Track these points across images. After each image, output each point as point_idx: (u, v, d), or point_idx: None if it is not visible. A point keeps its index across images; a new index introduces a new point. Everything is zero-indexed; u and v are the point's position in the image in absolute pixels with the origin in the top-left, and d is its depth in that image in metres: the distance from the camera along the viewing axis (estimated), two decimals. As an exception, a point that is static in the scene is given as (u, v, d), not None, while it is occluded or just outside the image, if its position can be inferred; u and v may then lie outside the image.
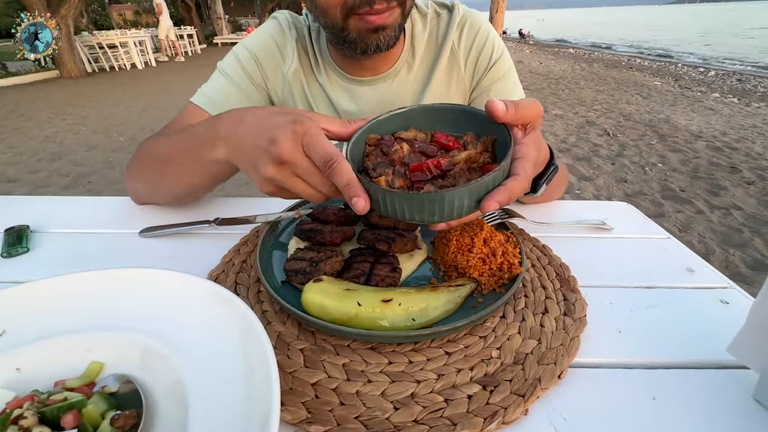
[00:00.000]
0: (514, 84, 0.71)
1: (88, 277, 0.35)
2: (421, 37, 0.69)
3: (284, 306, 0.36)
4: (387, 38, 0.56)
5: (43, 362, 0.30)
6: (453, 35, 0.68)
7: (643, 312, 0.42)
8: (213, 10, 18.79)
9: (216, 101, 0.64)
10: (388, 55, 0.66)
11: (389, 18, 0.54)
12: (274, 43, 0.67)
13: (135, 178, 0.60)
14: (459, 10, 0.69)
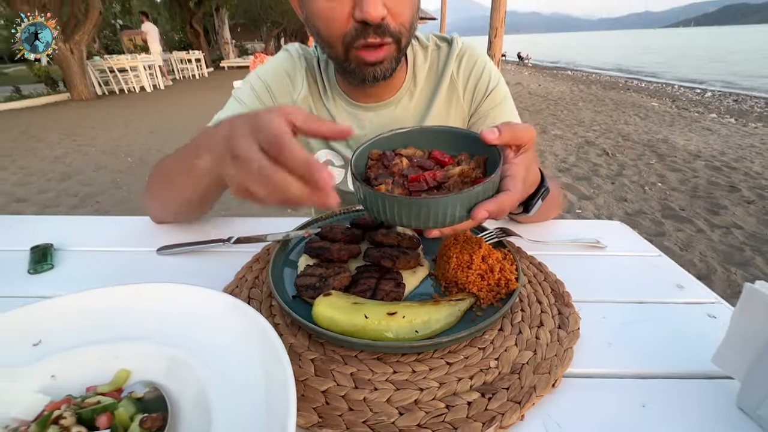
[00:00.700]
0: (510, 110, 0.75)
1: (116, 291, 0.38)
2: (422, 68, 0.74)
3: (296, 319, 0.38)
4: (383, 70, 0.60)
5: (76, 370, 0.33)
6: (452, 66, 0.73)
7: (634, 326, 0.44)
8: (220, 35, 19.44)
9: None
10: (390, 84, 0.71)
11: (384, 53, 0.58)
12: (285, 73, 0.72)
13: (148, 196, 0.64)
14: (458, 43, 0.74)
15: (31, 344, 0.34)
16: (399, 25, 0.57)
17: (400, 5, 0.55)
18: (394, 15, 0.55)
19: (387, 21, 0.55)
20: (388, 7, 0.54)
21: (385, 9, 0.53)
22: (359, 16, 0.53)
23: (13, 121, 6.51)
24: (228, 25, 19.67)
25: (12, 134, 5.53)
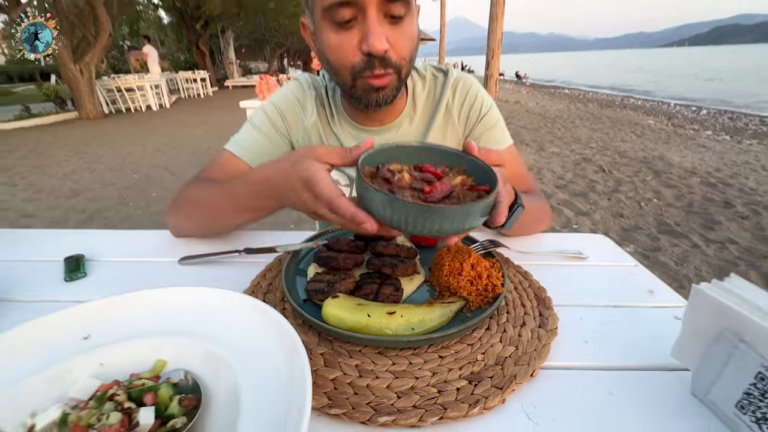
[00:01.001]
0: (502, 132, 0.82)
1: (153, 293, 0.43)
2: (420, 95, 0.81)
3: (307, 318, 0.44)
4: (385, 96, 0.66)
5: (120, 359, 0.38)
6: (448, 94, 0.80)
7: (608, 326, 0.49)
8: (225, 56, 19.93)
9: (246, 148, 0.75)
10: (392, 109, 0.78)
11: (387, 81, 0.64)
12: (297, 101, 0.79)
13: (181, 219, 0.70)
14: (452, 74, 0.81)
15: (81, 338, 0.40)
16: (399, 57, 0.63)
17: (401, 40, 0.62)
18: (395, 49, 0.62)
19: (389, 54, 0.61)
20: (390, 42, 0.60)
21: (387, 43, 0.60)
22: (365, 49, 0.59)
23: (23, 139, 6.66)
24: (233, 46, 20.21)
25: (21, 152, 5.66)
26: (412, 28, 0.63)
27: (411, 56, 0.65)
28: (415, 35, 0.64)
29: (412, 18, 0.63)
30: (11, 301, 0.54)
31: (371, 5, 0.57)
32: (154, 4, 17.21)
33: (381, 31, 0.58)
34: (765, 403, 0.32)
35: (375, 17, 0.58)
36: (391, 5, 0.58)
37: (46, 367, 0.37)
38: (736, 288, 0.37)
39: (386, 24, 0.60)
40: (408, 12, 0.61)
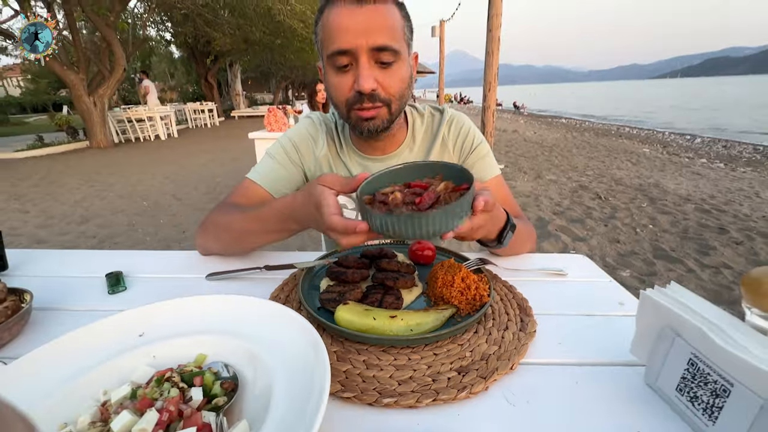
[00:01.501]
0: (491, 162, 0.93)
1: (196, 300, 0.52)
2: (419, 129, 0.93)
3: (322, 321, 0.52)
4: (375, 126, 0.76)
5: (170, 352, 0.46)
6: (444, 129, 0.92)
7: (580, 331, 0.57)
8: (232, 88, 20.68)
9: (265, 176, 0.86)
10: (393, 140, 0.89)
11: (376, 113, 0.75)
12: (309, 135, 0.92)
13: (210, 240, 0.80)
14: (448, 112, 0.94)
15: (138, 335, 0.48)
16: (388, 94, 0.74)
17: (389, 81, 0.73)
18: (384, 87, 0.73)
19: (378, 92, 0.73)
20: (379, 81, 0.72)
21: (375, 83, 0.72)
22: (356, 88, 0.72)
23: (35, 167, 6.87)
24: (240, 79, 21.03)
25: (34, 180, 5.84)
26: (401, 71, 0.74)
27: (400, 93, 0.76)
28: (404, 77, 0.75)
29: (401, 63, 0.74)
30: (64, 310, 0.62)
31: (362, 54, 0.69)
32: (166, 41, 18.08)
33: (370, 74, 0.70)
34: (695, 383, 0.40)
35: (366, 63, 0.70)
36: (380, 54, 0.70)
37: (110, 358, 0.45)
38: (674, 293, 0.45)
39: (376, 68, 0.72)
40: (397, 59, 0.72)
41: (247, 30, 11.96)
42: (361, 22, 0.67)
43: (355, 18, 0.67)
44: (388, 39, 0.69)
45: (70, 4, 8.19)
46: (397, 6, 0.72)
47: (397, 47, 0.71)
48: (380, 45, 0.69)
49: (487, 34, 5.26)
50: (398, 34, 0.71)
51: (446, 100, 35.08)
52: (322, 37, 0.73)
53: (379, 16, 0.68)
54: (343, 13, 0.68)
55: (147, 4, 10.39)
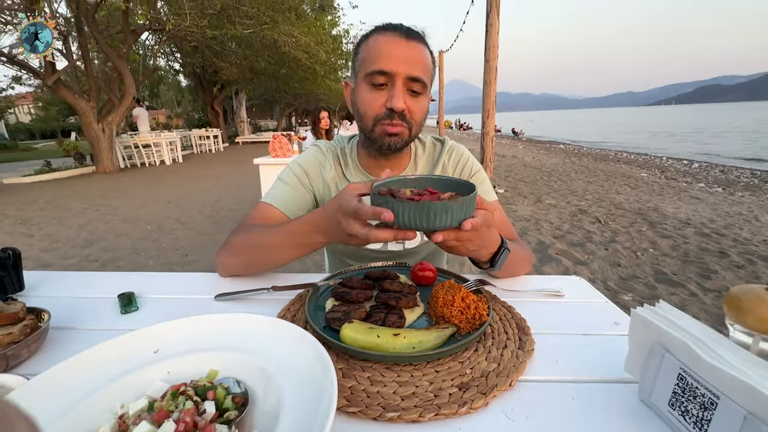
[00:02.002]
0: (488, 188, 0.99)
1: (207, 318, 0.54)
2: (421, 156, 1.00)
3: (328, 339, 0.54)
4: (396, 142, 0.84)
5: (183, 368, 0.48)
6: (444, 157, 0.99)
7: (577, 349, 0.59)
8: (237, 115, 21.21)
9: (279, 198, 0.92)
10: (398, 164, 0.96)
11: (400, 130, 0.83)
12: (318, 162, 0.98)
13: (233, 258, 0.83)
14: (448, 143, 1.02)
15: (153, 351, 0.50)
16: (412, 119, 0.84)
17: (416, 108, 0.83)
18: (410, 111, 0.83)
19: (405, 113, 0.82)
20: (408, 105, 0.82)
21: (405, 105, 0.81)
22: (389, 105, 0.80)
23: (42, 192, 6.98)
24: (245, 106, 21.61)
25: (40, 204, 5.92)
26: (424, 102, 0.85)
27: (420, 121, 0.86)
28: (426, 108, 0.86)
29: (425, 96, 0.85)
30: (78, 329, 0.65)
31: (399, 78, 0.79)
32: (175, 70, 18.71)
33: (402, 96, 0.80)
34: (685, 398, 0.42)
35: (400, 87, 0.80)
36: (412, 83, 0.81)
37: (126, 373, 0.47)
38: (663, 311, 0.48)
39: (407, 95, 0.82)
40: (424, 91, 0.83)
41: (253, 60, 12.42)
42: (404, 53, 0.79)
43: (401, 48, 0.79)
44: (422, 73, 0.81)
45: (84, 37, 8.56)
46: (429, 50, 0.84)
47: (426, 81, 0.82)
48: (415, 76, 0.80)
49: (484, 65, 5.47)
50: (429, 71, 0.83)
51: (446, 127, 35.75)
52: (364, 56, 0.82)
53: (419, 53, 0.81)
54: (392, 41, 0.79)
55: (158, 36, 10.83)
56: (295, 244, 0.75)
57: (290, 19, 9.90)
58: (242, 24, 9.08)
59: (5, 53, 7.84)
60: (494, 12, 5.28)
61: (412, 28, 0.82)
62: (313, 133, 4.64)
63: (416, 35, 0.81)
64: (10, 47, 8.07)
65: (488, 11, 5.31)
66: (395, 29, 0.81)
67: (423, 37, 0.83)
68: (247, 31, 9.26)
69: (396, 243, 0.98)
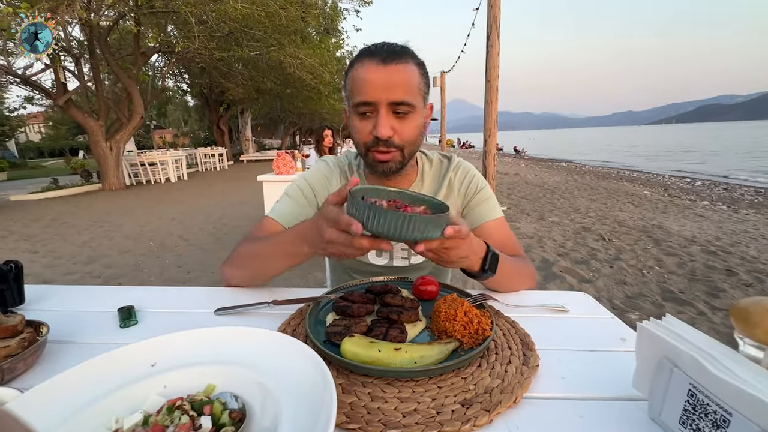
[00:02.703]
0: (494, 205, 0.98)
1: (206, 332, 0.54)
2: (428, 173, 1.01)
3: (328, 354, 0.53)
4: (389, 167, 0.85)
5: (180, 382, 0.48)
6: (451, 174, 1.00)
7: (583, 366, 0.57)
8: (242, 134, 21.55)
9: (282, 213, 0.94)
10: (404, 179, 0.97)
11: (390, 157, 0.83)
12: (324, 176, 1.00)
13: (236, 268, 0.85)
14: (455, 160, 1.02)
15: (150, 365, 0.49)
16: (402, 140, 0.83)
17: (404, 129, 0.82)
18: (399, 134, 0.82)
19: (393, 138, 0.81)
20: (395, 129, 0.81)
21: (391, 131, 0.80)
22: (374, 133, 0.80)
23: (48, 209, 7.04)
24: (250, 125, 21.99)
25: (45, 221, 5.97)
26: (415, 121, 0.83)
27: (413, 140, 0.85)
28: (417, 125, 0.84)
29: (415, 114, 0.83)
30: (77, 343, 0.64)
31: (382, 106, 0.79)
32: (183, 91, 19.16)
33: (387, 123, 0.79)
34: (696, 415, 0.40)
35: (384, 114, 0.79)
36: (397, 106, 0.80)
37: (123, 386, 0.46)
38: (669, 324, 0.47)
39: (393, 118, 0.81)
40: (412, 110, 0.81)
41: (259, 81, 12.72)
42: (383, 79, 0.78)
43: (379, 75, 0.78)
44: (405, 95, 0.79)
45: (96, 59, 8.81)
46: (416, 65, 0.82)
47: (412, 101, 0.80)
48: (397, 100, 0.79)
49: (485, 84, 5.56)
50: (414, 90, 0.81)
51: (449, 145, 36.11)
52: (350, 87, 0.83)
53: (398, 75, 0.78)
54: (370, 69, 0.79)
55: (167, 58, 11.15)
56: (285, 253, 0.76)
57: (296, 42, 10.18)
58: (249, 46, 9.34)
59: (19, 74, 8.07)
60: (494, 33, 5.40)
61: (391, 49, 0.80)
62: (316, 151, 4.69)
63: (395, 56, 0.79)
64: (24, 69, 8.32)
65: (488, 33, 5.44)
66: (372, 55, 0.79)
67: (404, 53, 0.80)
68: (253, 53, 9.52)
69: (401, 258, 0.98)
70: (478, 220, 0.96)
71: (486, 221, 0.95)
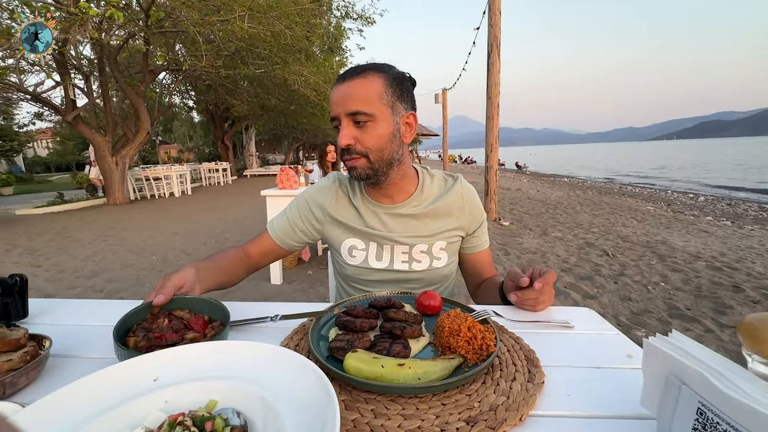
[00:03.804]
0: (486, 233, 1.08)
1: (208, 346, 0.54)
2: (429, 187, 1.03)
3: (331, 369, 0.53)
4: (358, 174, 0.90)
5: (182, 398, 0.47)
6: (456, 191, 1.02)
7: (589, 383, 0.56)
8: (246, 149, 21.80)
9: (274, 227, 1.05)
10: (402, 192, 0.99)
11: (356, 163, 0.89)
12: (324, 188, 1.05)
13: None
14: (462, 181, 1.05)
15: (152, 379, 0.49)
16: (364, 148, 0.88)
17: (365, 137, 0.87)
18: (360, 142, 0.87)
19: (353, 146, 0.87)
20: (357, 138, 0.87)
21: (352, 140, 0.86)
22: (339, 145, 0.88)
23: (52, 222, 7.09)
24: (254, 141, 22.27)
25: (50, 234, 6.00)
26: (377, 129, 0.87)
27: (378, 147, 0.89)
28: (381, 133, 0.87)
29: (377, 122, 0.86)
30: (74, 357, 0.64)
31: (342, 118, 0.87)
32: (189, 107, 19.49)
33: (346, 134, 0.86)
34: (706, 435, 0.40)
35: (345, 124, 0.87)
36: (355, 116, 0.86)
37: (123, 402, 0.46)
38: (676, 340, 0.46)
39: (354, 128, 0.87)
40: (371, 119, 0.86)
41: (264, 97, 12.95)
42: (341, 94, 0.87)
43: (339, 91, 0.87)
44: (361, 105, 0.85)
45: (105, 76, 9.02)
46: (381, 77, 0.87)
47: (370, 111, 0.85)
48: (353, 110, 0.85)
49: (486, 101, 5.64)
50: (373, 100, 0.85)
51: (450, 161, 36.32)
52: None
53: (354, 88, 0.85)
54: (335, 89, 0.89)
55: (174, 75, 11.40)
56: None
57: (300, 60, 10.39)
58: (255, 64, 9.54)
59: (30, 92, 8.26)
60: (495, 53, 5.51)
61: (353, 68, 0.88)
62: (319, 166, 4.73)
63: (354, 73, 0.86)
64: (35, 86, 8.52)
65: (489, 51, 5.55)
66: (338, 78, 0.89)
67: (366, 69, 0.87)
68: (259, 70, 9.72)
69: (401, 262, 0.99)
70: (477, 248, 1.07)
71: (484, 249, 1.07)
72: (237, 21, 7.13)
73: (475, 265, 1.08)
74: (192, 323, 0.66)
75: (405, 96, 0.90)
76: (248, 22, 7.35)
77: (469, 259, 1.08)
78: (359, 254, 1.00)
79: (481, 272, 1.09)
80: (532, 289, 0.78)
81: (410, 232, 0.98)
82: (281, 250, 1.05)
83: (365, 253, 0.99)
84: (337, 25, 14.09)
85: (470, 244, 1.06)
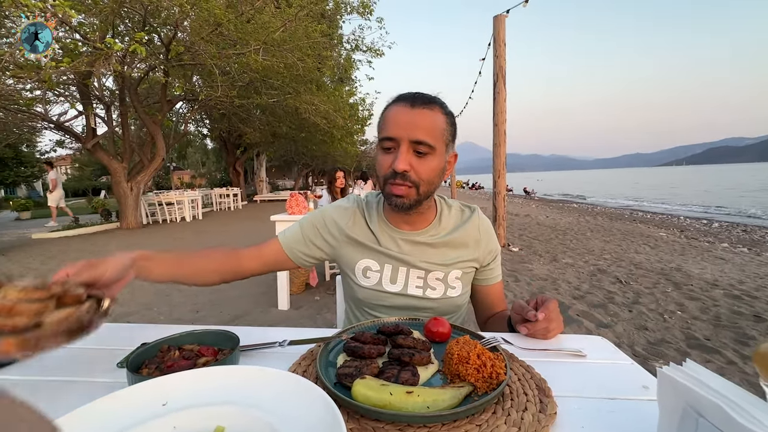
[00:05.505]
0: (499, 267, 1.08)
1: (217, 371, 0.54)
2: (447, 217, 1.04)
3: (339, 396, 0.52)
4: (402, 202, 0.89)
5: (190, 423, 0.47)
6: (474, 223, 1.03)
7: (604, 415, 0.55)
8: (257, 175, 22.23)
9: (285, 236, 1.04)
10: (422, 220, 1.00)
11: (404, 191, 0.87)
12: (343, 209, 1.05)
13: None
14: (479, 212, 1.06)
15: (161, 404, 0.49)
16: (418, 178, 0.88)
17: (422, 167, 0.87)
18: (415, 171, 0.87)
19: (409, 174, 0.86)
20: (413, 166, 0.86)
21: (409, 166, 0.86)
22: (393, 167, 0.86)
23: (66, 246, 7.22)
24: (265, 167, 22.75)
25: (62, 258, 6.10)
26: (433, 162, 0.88)
27: (429, 179, 0.89)
28: (435, 167, 0.89)
29: (435, 156, 0.87)
30: (74, 381, 0.64)
31: (404, 142, 0.86)
32: (203, 134, 20.13)
33: (406, 159, 0.85)
34: (727, 471, 0.38)
35: (404, 150, 0.86)
36: (417, 146, 0.85)
37: (131, 426, 0.46)
38: (691, 370, 0.45)
39: (413, 156, 0.86)
40: (431, 152, 0.86)
41: (275, 125, 13.34)
42: (408, 120, 0.85)
43: (405, 116, 0.86)
44: (425, 136, 0.85)
45: (125, 106, 9.42)
46: (444, 114, 0.89)
47: (432, 143, 0.86)
48: (419, 139, 0.85)
49: (493, 128, 5.73)
50: (437, 134, 0.87)
51: (458, 186, 36.49)
52: (380, 126, 0.91)
53: (423, 118, 0.85)
54: (399, 110, 0.87)
55: (191, 105, 11.85)
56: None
57: (311, 90, 10.77)
58: (268, 94, 9.90)
59: (54, 121, 8.64)
60: (501, 82, 5.65)
61: (421, 96, 0.88)
62: (329, 192, 4.80)
63: (423, 102, 0.86)
64: (59, 116, 8.92)
65: (495, 81, 5.69)
66: (403, 99, 0.88)
67: (433, 101, 0.88)
68: (271, 100, 10.07)
69: (415, 287, 0.98)
70: (491, 281, 1.06)
71: (496, 282, 1.07)
72: (252, 54, 7.46)
73: (487, 297, 1.07)
74: (203, 352, 0.66)
75: (455, 136, 0.93)
76: (263, 54, 7.69)
77: (481, 291, 1.07)
78: (373, 276, 0.98)
79: (492, 305, 1.07)
80: (538, 321, 0.79)
81: (427, 258, 0.97)
82: (286, 261, 1.03)
83: (379, 275, 0.98)
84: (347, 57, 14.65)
85: (483, 276, 1.06)
